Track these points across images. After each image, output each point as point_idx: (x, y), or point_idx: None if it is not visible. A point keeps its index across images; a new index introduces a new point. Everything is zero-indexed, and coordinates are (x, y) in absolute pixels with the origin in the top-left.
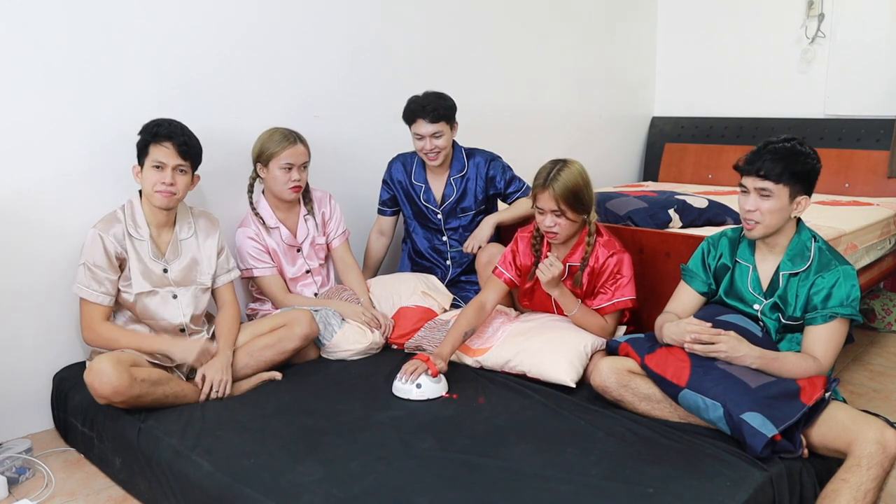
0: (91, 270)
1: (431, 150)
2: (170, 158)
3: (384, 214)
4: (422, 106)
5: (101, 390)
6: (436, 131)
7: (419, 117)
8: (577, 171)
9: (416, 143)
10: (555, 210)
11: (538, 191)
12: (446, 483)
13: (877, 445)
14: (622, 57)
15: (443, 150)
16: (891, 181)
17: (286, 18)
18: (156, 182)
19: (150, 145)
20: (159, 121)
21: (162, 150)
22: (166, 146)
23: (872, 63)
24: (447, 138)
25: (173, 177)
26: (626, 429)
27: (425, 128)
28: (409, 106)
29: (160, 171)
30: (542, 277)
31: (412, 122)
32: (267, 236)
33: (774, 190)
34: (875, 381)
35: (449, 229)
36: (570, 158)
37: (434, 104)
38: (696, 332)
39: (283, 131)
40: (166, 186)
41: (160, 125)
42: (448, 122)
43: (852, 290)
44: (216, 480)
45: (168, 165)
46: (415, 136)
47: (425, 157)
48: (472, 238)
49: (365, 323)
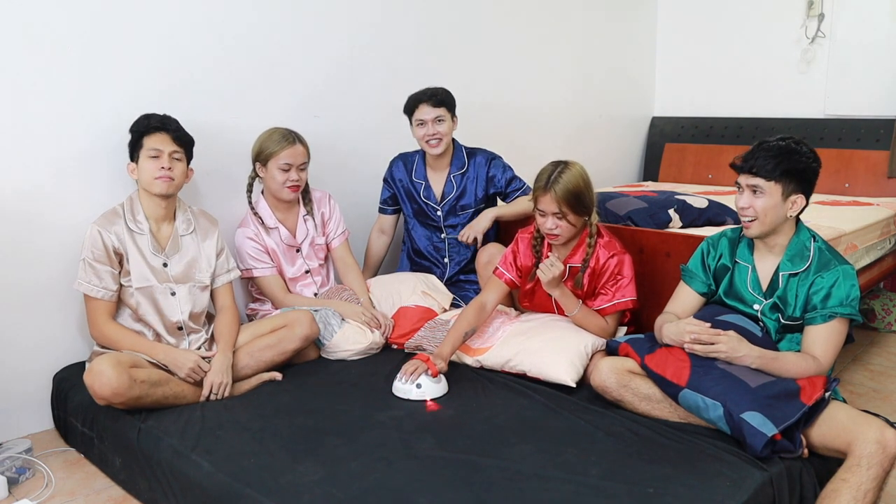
0: (91, 266)
1: (434, 135)
2: (165, 145)
3: (385, 213)
4: (423, 92)
5: (101, 392)
6: (438, 115)
7: (422, 102)
8: (578, 174)
9: (418, 131)
10: (556, 212)
11: (539, 193)
12: (446, 483)
13: (877, 445)
14: (622, 56)
15: (444, 136)
16: (891, 181)
17: (286, 18)
18: (154, 169)
19: (144, 136)
20: (148, 115)
21: (157, 137)
22: (161, 134)
23: (872, 63)
24: (448, 126)
25: (170, 162)
26: (626, 429)
27: (428, 112)
28: (411, 96)
29: (157, 160)
30: (542, 278)
31: (414, 109)
32: (266, 236)
33: (766, 187)
34: (875, 381)
35: (448, 227)
36: (570, 160)
37: (436, 91)
38: (696, 332)
39: (283, 131)
40: (165, 171)
41: (151, 117)
42: (449, 109)
43: (852, 290)
44: (216, 480)
45: (164, 152)
46: (417, 124)
47: (426, 146)
48: (469, 227)
49: (365, 323)
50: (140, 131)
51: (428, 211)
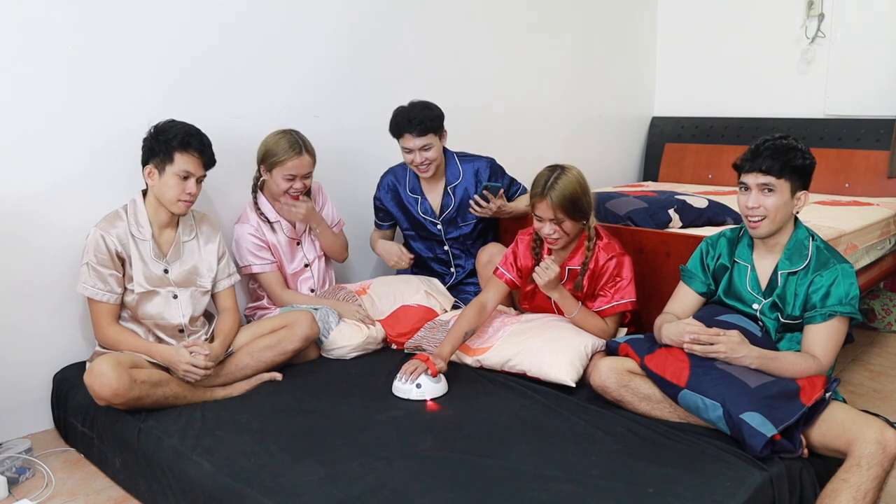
0: (95, 269)
1: (422, 162)
2: (197, 169)
3: (382, 228)
4: (408, 120)
5: (101, 392)
6: (424, 144)
7: (406, 132)
8: (574, 179)
9: (406, 157)
10: (553, 218)
11: (536, 200)
12: (446, 483)
13: (877, 445)
14: (622, 56)
15: (433, 161)
16: (891, 181)
17: (287, 18)
18: (181, 192)
19: (177, 153)
20: (188, 128)
21: (192, 160)
22: (196, 157)
23: (872, 63)
24: (437, 149)
25: (196, 187)
26: (626, 429)
27: (413, 142)
28: (395, 119)
29: (185, 181)
30: (538, 281)
31: (399, 137)
32: (267, 231)
33: (777, 185)
34: (875, 381)
35: (450, 239)
36: (567, 164)
37: (420, 116)
38: (695, 332)
39: (290, 138)
40: (189, 196)
41: (191, 134)
42: (436, 132)
43: (851, 288)
44: (216, 480)
45: (194, 176)
46: (404, 150)
47: (416, 170)
48: (490, 209)
49: (360, 320)
50: (173, 145)
51: (427, 225)
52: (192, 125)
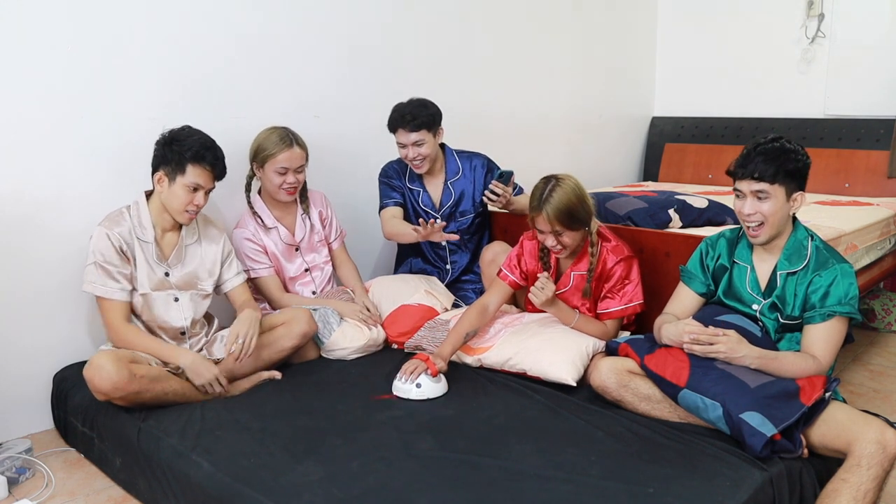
0: (102, 267)
1: (415, 157)
2: (208, 182)
3: (391, 205)
4: (402, 115)
5: (101, 386)
6: (417, 140)
7: (399, 126)
8: (570, 189)
9: (400, 151)
10: (552, 231)
11: (534, 213)
12: (446, 483)
13: (877, 445)
14: (622, 56)
15: (426, 157)
16: (891, 181)
17: (286, 19)
18: (188, 203)
19: (190, 165)
20: (203, 140)
21: (204, 173)
22: (208, 170)
23: (872, 63)
24: (430, 145)
25: (204, 199)
26: (626, 429)
27: (406, 137)
28: (392, 115)
29: (194, 193)
30: (535, 301)
31: (394, 131)
32: (265, 236)
33: (771, 190)
34: (875, 381)
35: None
36: (562, 174)
37: (414, 112)
38: (695, 332)
39: (281, 132)
40: (196, 208)
41: (206, 147)
42: (430, 129)
43: (850, 288)
44: (216, 480)
45: (204, 188)
46: (398, 145)
47: (410, 165)
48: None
49: (362, 321)
50: (187, 157)
51: (426, 218)
52: (206, 136)
